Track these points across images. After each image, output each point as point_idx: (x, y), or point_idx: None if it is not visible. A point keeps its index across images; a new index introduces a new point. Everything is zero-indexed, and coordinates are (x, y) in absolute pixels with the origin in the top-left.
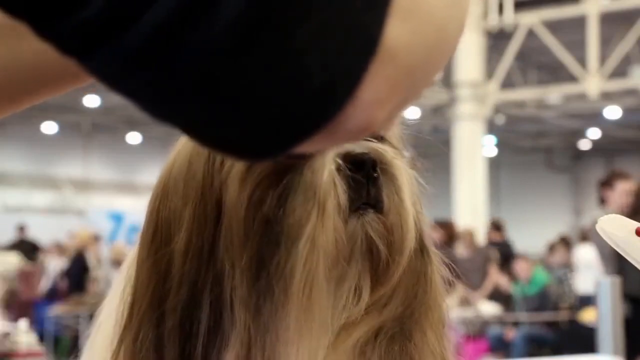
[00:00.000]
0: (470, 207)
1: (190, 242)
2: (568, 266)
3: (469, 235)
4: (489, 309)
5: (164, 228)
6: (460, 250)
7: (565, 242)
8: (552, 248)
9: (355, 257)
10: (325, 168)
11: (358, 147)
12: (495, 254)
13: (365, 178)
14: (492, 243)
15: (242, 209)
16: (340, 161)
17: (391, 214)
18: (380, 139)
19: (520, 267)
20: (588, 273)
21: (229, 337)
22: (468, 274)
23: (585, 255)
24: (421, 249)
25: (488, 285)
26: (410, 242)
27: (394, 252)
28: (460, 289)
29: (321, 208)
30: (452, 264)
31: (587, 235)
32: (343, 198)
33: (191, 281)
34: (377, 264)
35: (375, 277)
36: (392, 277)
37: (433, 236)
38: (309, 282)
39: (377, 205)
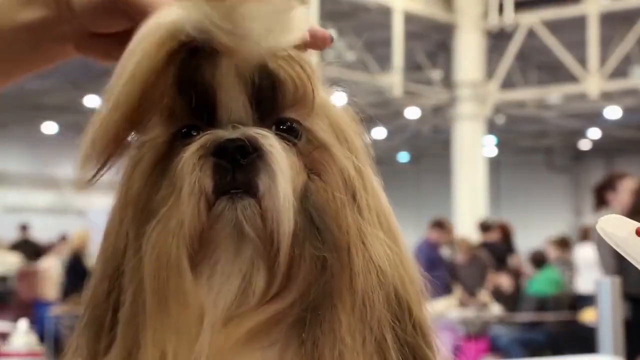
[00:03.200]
0: (470, 207)
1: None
2: (565, 263)
3: (465, 243)
4: (492, 308)
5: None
6: (459, 256)
7: (562, 242)
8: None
9: (229, 242)
10: (189, 154)
11: (230, 133)
12: (487, 256)
13: (230, 164)
14: (484, 244)
15: (135, 196)
16: (204, 148)
17: (265, 199)
18: (281, 125)
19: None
20: (588, 273)
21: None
22: (466, 280)
23: (586, 255)
24: (320, 234)
25: (489, 288)
26: (286, 227)
27: (272, 237)
28: (458, 292)
29: (177, 191)
30: (451, 269)
31: (588, 235)
32: (206, 183)
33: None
34: (266, 252)
35: (266, 266)
36: (278, 264)
37: (432, 236)
38: (163, 264)
39: (250, 191)
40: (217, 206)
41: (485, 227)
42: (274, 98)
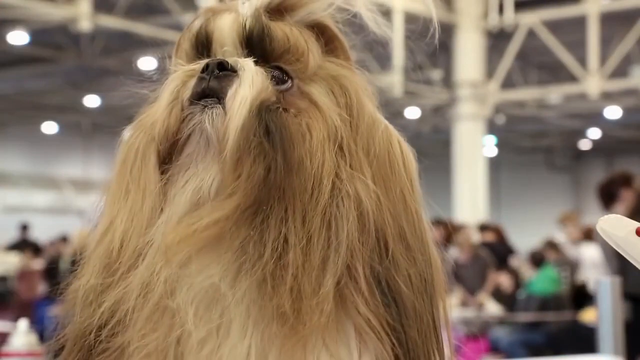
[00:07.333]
0: (470, 207)
1: None
2: (563, 264)
3: (467, 242)
4: (490, 308)
5: None
6: (460, 255)
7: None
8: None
9: (194, 144)
10: (178, 73)
11: (218, 59)
12: (488, 256)
13: (208, 75)
14: (484, 244)
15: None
16: (193, 70)
17: (228, 103)
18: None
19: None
20: (593, 272)
21: None
22: (467, 279)
23: (592, 254)
24: (272, 139)
25: (488, 288)
26: (236, 120)
27: (226, 132)
28: (459, 292)
29: (162, 97)
30: (452, 268)
31: (591, 234)
32: (184, 91)
33: None
34: (222, 152)
35: (221, 165)
36: (226, 157)
37: (435, 234)
38: (132, 153)
39: (220, 99)
40: (188, 110)
41: (482, 227)
42: (262, 41)
